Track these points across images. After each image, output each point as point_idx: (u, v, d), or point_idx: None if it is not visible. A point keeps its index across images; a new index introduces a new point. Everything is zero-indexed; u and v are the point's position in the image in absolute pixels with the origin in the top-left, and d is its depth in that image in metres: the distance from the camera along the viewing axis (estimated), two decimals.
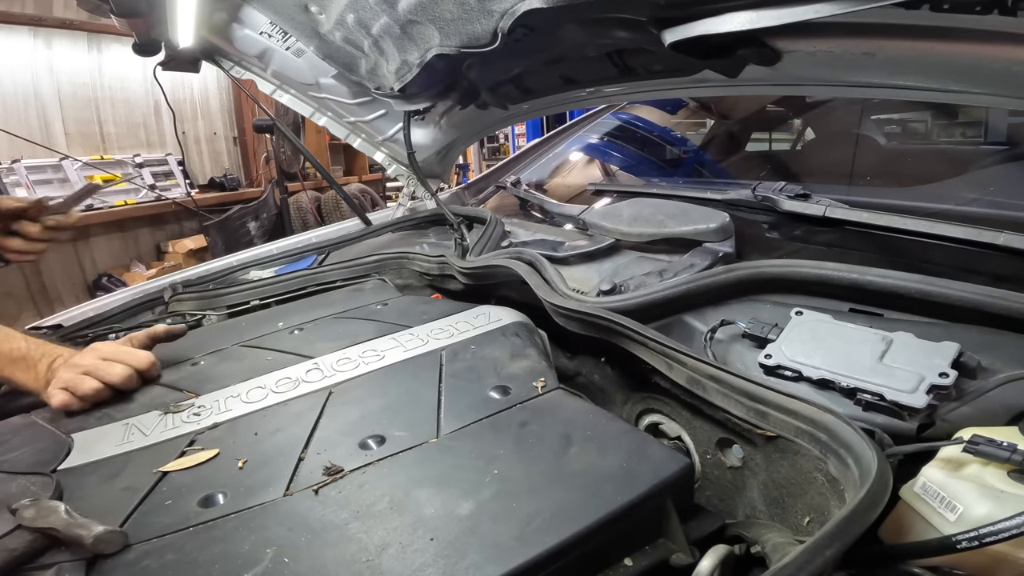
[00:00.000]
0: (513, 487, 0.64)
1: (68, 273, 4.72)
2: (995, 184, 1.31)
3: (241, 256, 1.92)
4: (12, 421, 0.90)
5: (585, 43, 1.22)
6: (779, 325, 0.86)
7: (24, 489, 0.68)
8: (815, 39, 0.92)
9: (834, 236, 1.20)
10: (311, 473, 0.69)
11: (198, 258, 5.07)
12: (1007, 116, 1.42)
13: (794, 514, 0.71)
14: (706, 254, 1.17)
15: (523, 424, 0.76)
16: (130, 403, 0.91)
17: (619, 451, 0.68)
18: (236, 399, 0.88)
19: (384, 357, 0.97)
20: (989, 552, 0.51)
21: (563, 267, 1.27)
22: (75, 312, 1.60)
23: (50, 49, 4.57)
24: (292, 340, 1.11)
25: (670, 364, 0.85)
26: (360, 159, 7.14)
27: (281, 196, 5.64)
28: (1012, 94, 0.88)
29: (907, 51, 0.86)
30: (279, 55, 1.71)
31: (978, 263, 0.99)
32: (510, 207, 2.02)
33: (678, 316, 1.00)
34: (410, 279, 1.58)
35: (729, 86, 1.28)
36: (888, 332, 0.78)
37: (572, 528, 0.57)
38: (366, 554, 0.56)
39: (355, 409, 0.83)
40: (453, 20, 1.14)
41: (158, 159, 5.33)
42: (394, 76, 1.44)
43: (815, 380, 0.77)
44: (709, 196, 1.44)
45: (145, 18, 1.60)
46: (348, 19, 1.36)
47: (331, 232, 2.13)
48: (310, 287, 1.53)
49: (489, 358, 0.94)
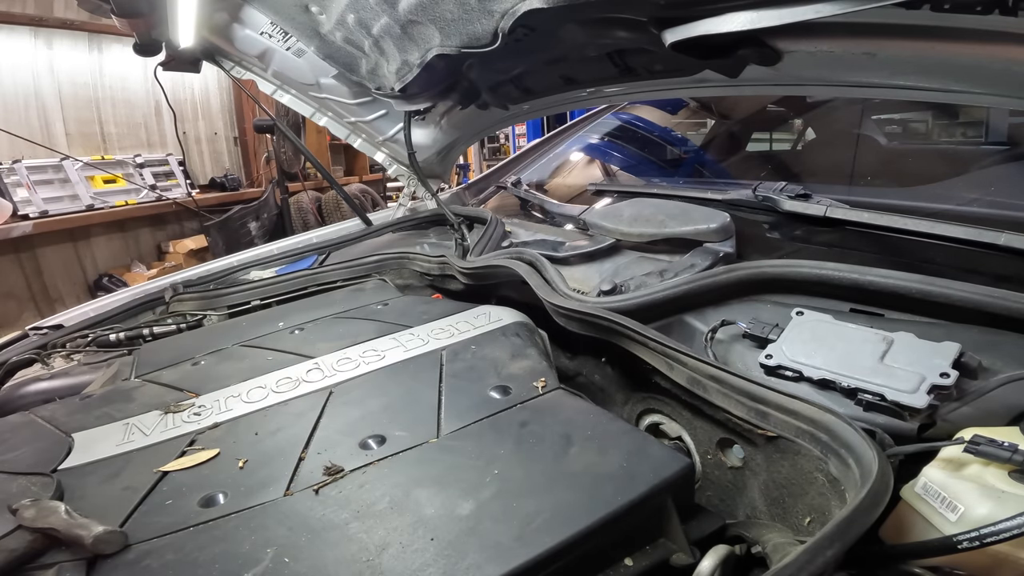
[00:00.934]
0: (513, 487, 0.64)
1: (69, 273, 4.72)
2: (996, 184, 1.31)
3: (242, 256, 1.92)
4: (11, 419, 0.90)
5: (586, 43, 1.22)
6: (780, 325, 0.86)
7: (25, 489, 0.68)
8: (816, 39, 0.92)
9: (835, 236, 1.20)
10: (311, 473, 0.69)
11: (199, 258, 5.08)
12: (1007, 116, 1.42)
13: (795, 514, 0.71)
14: (707, 254, 1.17)
15: (523, 424, 0.76)
16: (130, 403, 0.91)
17: (619, 451, 0.68)
18: (237, 399, 0.88)
19: (384, 357, 0.97)
20: (990, 552, 0.50)
21: (564, 267, 1.27)
22: (76, 312, 1.61)
23: (51, 49, 4.58)
24: (293, 340, 1.11)
25: (671, 364, 0.85)
26: (360, 159, 7.15)
27: (282, 196, 5.65)
28: (1012, 94, 0.88)
29: (907, 51, 0.86)
30: (280, 55, 1.72)
31: (979, 263, 0.99)
32: (510, 207, 2.02)
33: (679, 316, 1.00)
34: (411, 279, 1.59)
35: (729, 86, 1.28)
36: (889, 332, 0.78)
37: (572, 528, 0.57)
38: (366, 554, 0.56)
39: (355, 409, 0.83)
40: (454, 20, 1.14)
41: (159, 159, 5.34)
42: (395, 76, 1.44)
43: (816, 380, 0.77)
44: (710, 196, 1.44)
45: (146, 18, 1.60)
46: (349, 19, 1.36)
47: (332, 232, 2.13)
48: (311, 287, 1.53)
49: (489, 358, 0.94)
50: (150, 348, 1.22)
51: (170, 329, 1.35)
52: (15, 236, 4.16)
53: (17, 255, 4.35)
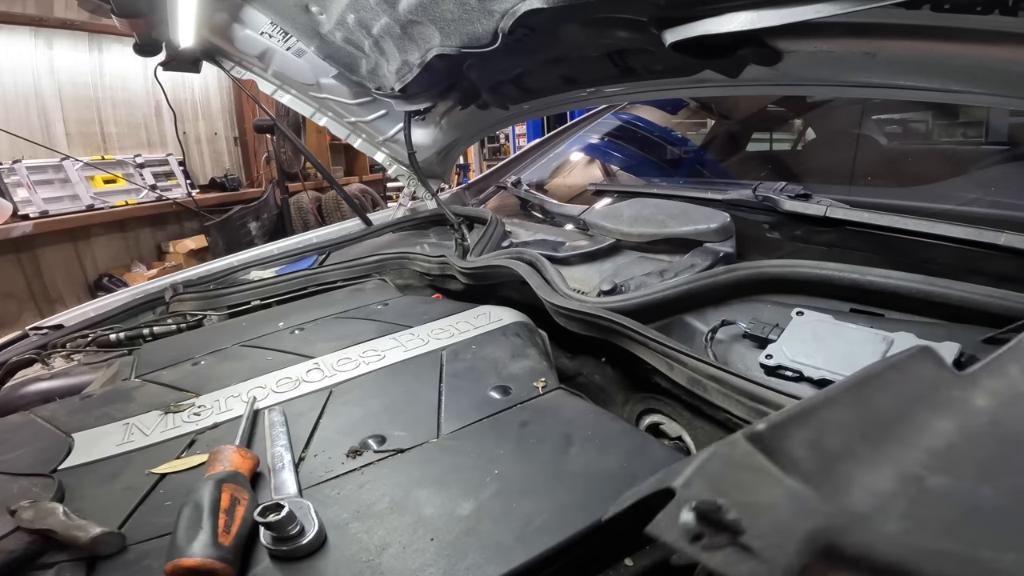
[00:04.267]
0: (513, 487, 0.64)
1: (69, 273, 4.72)
2: (996, 184, 1.31)
3: (242, 256, 1.92)
4: (11, 419, 0.90)
5: (586, 43, 1.22)
6: (780, 325, 0.86)
7: (26, 490, 0.68)
8: (816, 39, 0.92)
9: (835, 236, 1.20)
10: (311, 473, 0.70)
11: (199, 258, 5.08)
12: (1008, 116, 1.42)
13: None
14: (707, 254, 1.17)
15: (524, 424, 0.76)
16: (130, 403, 0.91)
17: (619, 451, 0.68)
18: (237, 399, 0.88)
19: (385, 357, 0.98)
20: None
21: (564, 267, 1.27)
22: (76, 312, 1.61)
23: (51, 49, 4.58)
24: (293, 340, 1.11)
25: (671, 364, 0.85)
26: (361, 159, 7.15)
27: (282, 196, 5.65)
28: (1012, 94, 0.88)
29: (908, 51, 0.86)
30: (280, 55, 1.72)
31: (979, 263, 0.99)
32: (511, 207, 2.02)
33: (679, 316, 1.00)
34: (411, 279, 1.59)
35: (730, 86, 1.28)
36: (889, 332, 0.78)
37: (572, 528, 0.57)
38: (366, 554, 0.56)
39: (356, 409, 0.83)
40: (454, 20, 1.14)
41: (159, 159, 5.34)
42: (395, 76, 1.44)
43: (816, 380, 0.77)
44: (710, 196, 1.44)
45: (146, 18, 1.60)
46: (349, 19, 1.36)
47: (332, 232, 2.13)
48: (311, 287, 1.53)
49: (490, 358, 0.94)
50: (150, 348, 1.22)
51: (170, 329, 1.35)
52: (15, 236, 4.16)
53: (17, 255, 4.35)
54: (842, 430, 0.36)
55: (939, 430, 0.36)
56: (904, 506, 0.30)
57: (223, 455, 0.67)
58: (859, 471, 0.33)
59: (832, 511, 0.30)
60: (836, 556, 0.28)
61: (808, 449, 0.34)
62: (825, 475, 0.33)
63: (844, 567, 0.28)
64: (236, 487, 0.61)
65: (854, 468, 0.33)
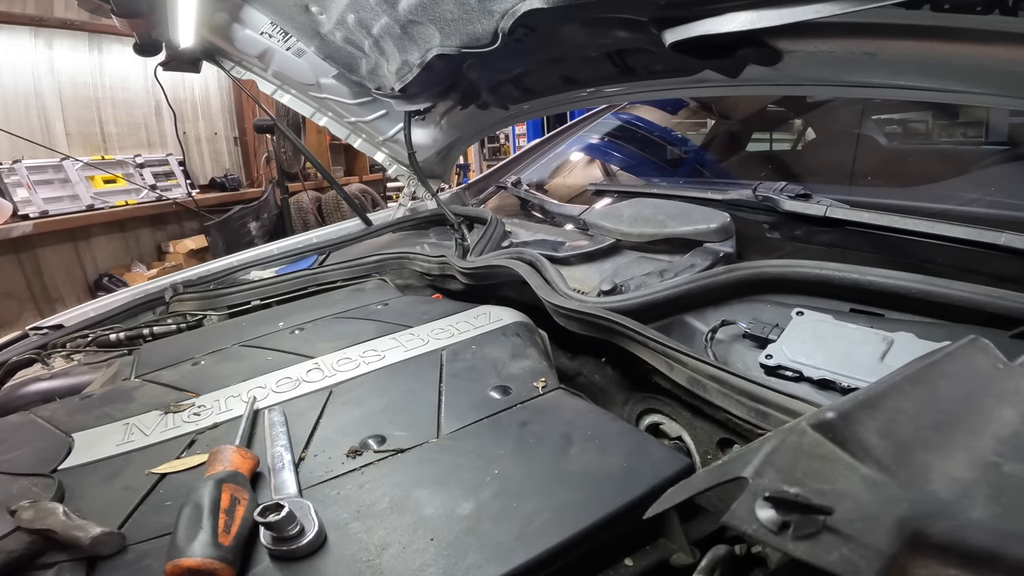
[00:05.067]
0: (513, 487, 0.64)
1: (69, 273, 4.73)
2: (996, 184, 1.31)
3: (242, 256, 1.92)
4: (11, 419, 0.90)
5: (586, 43, 1.22)
6: (780, 325, 0.86)
7: (26, 490, 0.68)
8: (816, 39, 0.92)
9: (835, 236, 1.20)
10: (311, 473, 0.69)
11: (199, 258, 5.08)
12: (1008, 116, 1.42)
13: None
14: (707, 254, 1.17)
15: (524, 424, 0.76)
16: (130, 403, 0.91)
17: (619, 451, 0.68)
18: (237, 399, 0.88)
19: (385, 357, 0.98)
20: None
21: (564, 267, 1.27)
22: (76, 312, 1.61)
23: (51, 49, 4.58)
24: (293, 340, 1.11)
25: (671, 364, 0.85)
26: (361, 159, 7.15)
27: (282, 196, 5.65)
28: (1012, 94, 0.88)
29: (908, 51, 0.86)
30: (280, 55, 1.72)
31: (979, 263, 0.99)
32: (511, 207, 2.02)
33: (679, 316, 1.00)
34: (411, 279, 1.59)
35: (730, 86, 1.28)
36: (889, 332, 0.78)
37: (572, 528, 0.57)
38: (366, 554, 0.56)
39: (356, 409, 0.83)
40: (454, 20, 1.14)
41: (159, 159, 5.34)
42: (395, 76, 1.44)
43: (816, 380, 0.77)
44: (710, 196, 1.44)
45: (146, 18, 1.60)
46: (349, 19, 1.36)
47: (332, 232, 2.13)
48: (311, 287, 1.53)
49: (490, 358, 0.94)
50: (150, 348, 1.22)
51: (170, 329, 1.35)
52: (15, 236, 4.16)
53: (17, 255, 4.35)
54: (910, 418, 0.36)
55: (1003, 419, 0.36)
56: (987, 492, 0.30)
57: (223, 455, 0.67)
58: (934, 459, 0.32)
59: (916, 498, 0.29)
60: (924, 543, 0.28)
61: (879, 437, 0.33)
62: (901, 463, 0.32)
63: (933, 554, 0.27)
64: (236, 487, 0.61)
65: (928, 456, 0.33)
